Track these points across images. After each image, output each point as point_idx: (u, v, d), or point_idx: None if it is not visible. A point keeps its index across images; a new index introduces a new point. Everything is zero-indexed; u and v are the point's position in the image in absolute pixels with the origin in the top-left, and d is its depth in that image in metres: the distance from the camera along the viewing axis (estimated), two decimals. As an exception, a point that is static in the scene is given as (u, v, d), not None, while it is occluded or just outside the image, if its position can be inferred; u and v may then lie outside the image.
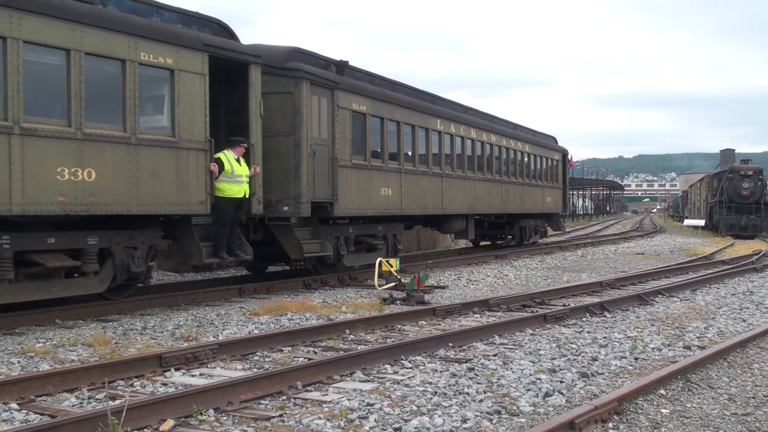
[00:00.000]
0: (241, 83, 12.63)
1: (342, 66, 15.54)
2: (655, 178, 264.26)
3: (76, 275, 10.60)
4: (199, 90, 11.50)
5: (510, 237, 26.66)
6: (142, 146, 10.62)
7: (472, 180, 21.32)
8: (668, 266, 19.46)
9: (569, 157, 33.07)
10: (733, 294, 14.01)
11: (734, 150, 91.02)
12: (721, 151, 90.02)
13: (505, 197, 23.84)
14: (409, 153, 18.10)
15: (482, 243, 27.22)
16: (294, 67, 13.71)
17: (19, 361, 7.78)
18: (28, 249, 9.71)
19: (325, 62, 15.25)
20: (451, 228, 21.37)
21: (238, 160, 12.19)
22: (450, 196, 19.81)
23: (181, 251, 12.09)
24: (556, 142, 31.00)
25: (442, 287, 14.77)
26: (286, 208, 13.52)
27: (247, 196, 12.33)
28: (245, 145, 12.41)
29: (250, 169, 12.43)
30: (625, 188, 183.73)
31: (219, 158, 11.90)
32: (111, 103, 10.42)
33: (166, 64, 10.96)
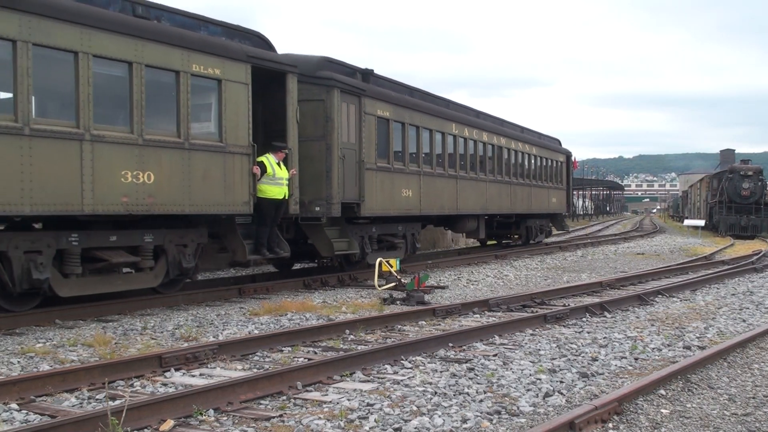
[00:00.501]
0: (276, 91, 13.43)
1: (367, 74, 16.47)
2: (655, 179, 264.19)
3: (132, 271, 11.46)
4: (243, 98, 12.35)
5: (516, 236, 27.45)
6: (195, 151, 11.47)
7: (483, 181, 22.28)
8: (668, 266, 19.46)
9: (573, 158, 33.98)
10: (733, 294, 14.01)
11: (734, 150, 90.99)
12: (720, 151, 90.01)
13: (513, 198, 24.69)
14: (427, 156, 18.99)
15: (488, 242, 27.71)
16: (326, 76, 14.59)
17: (19, 361, 7.78)
18: (93, 246, 10.55)
19: (352, 70, 16.12)
20: (464, 227, 22.24)
21: (278, 164, 12.98)
22: (464, 196, 20.77)
23: (225, 249, 13.03)
24: (560, 144, 31.72)
25: (442, 287, 14.77)
26: (318, 209, 14.40)
27: (286, 198, 13.16)
28: (286, 150, 13.23)
29: (288, 172, 13.21)
30: (625, 188, 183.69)
31: (261, 161, 12.69)
32: (167, 111, 11.25)
33: (214, 74, 11.81)
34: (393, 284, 13.41)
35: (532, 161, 27.12)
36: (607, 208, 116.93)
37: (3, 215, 9.28)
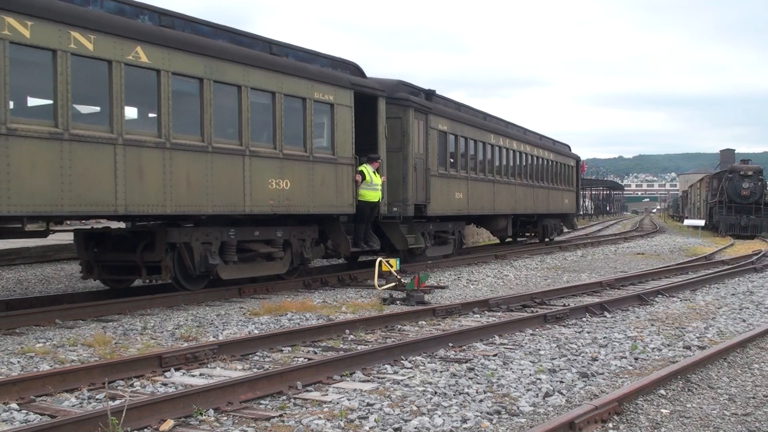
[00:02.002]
0: (366, 110, 15.97)
1: (430, 94, 19.39)
2: (655, 178, 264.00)
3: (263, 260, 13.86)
4: (348, 118, 15.12)
5: (533, 234, 30.25)
6: (316, 162, 14.23)
7: (513, 185, 25.18)
8: (668, 266, 19.47)
9: (581, 162, 37.41)
10: (733, 294, 14.01)
11: (734, 150, 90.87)
12: (721, 151, 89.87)
13: (535, 199, 27.54)
14: (472, 163, 21.89)
15: (506, 240, 29.38)
16: (402, 97, 17.48)
17: (19, 361, 7.78)
18: (244, 239, 13.16)
19: (418, 90, 18.88)
20: (497, 226, 25.15)
21: (374, 172, 15.48)
22: (499, 198, 23.71)
23: (331, 242, 15.72)
24: (570, 150, 34.61)
25: (442, 287, 14.77)
26: (395, 209, 17.02)
27: (379, 201, 15.78)
28: (380, 161, 15.79)
29: (381, 179, 15.73)
30: (625, 188, 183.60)
31: (362, 170, 15.33)
32: (297, 131, 13.89)
33: (328, 100, 14.54)
34: (393, 284, 13.41)
35: (550, 166, 29.87)
36: (607, 208, 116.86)
37: (196, 214, 12.05)
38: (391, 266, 13.61)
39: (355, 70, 16.04)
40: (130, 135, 10.77)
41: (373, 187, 15.46)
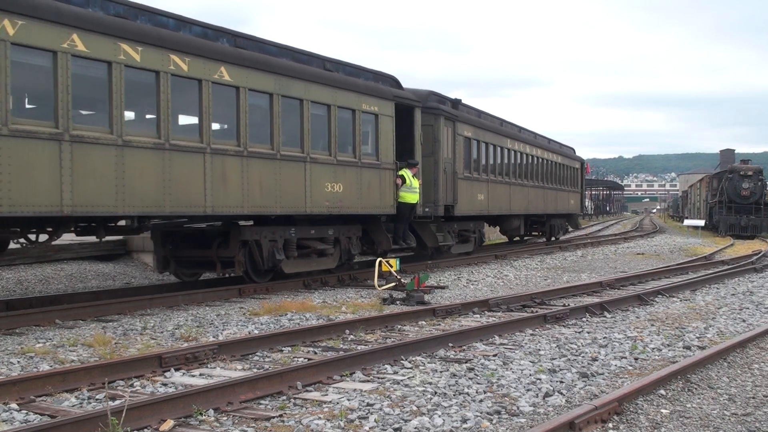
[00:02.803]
0: (402, 118, 17.31)
1: (456, 103, 20.93)
2: (655, 178, 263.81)
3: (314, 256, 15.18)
4: (390, 127, 16.68)
5: (540, 233, 31.38)
6: (363, 167, 15.72)
7: (526, 187, 26.68)
8: (668, 266, 19.46)
9: (586, 164, 39.12)
10: (733, 294, 14.01)
11: (734, 150, 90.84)
12: (721, 151, 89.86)
13: (545, 200, 29.05)
14: (492, 166, 23.40)
15: (514, 239, 30.35)
16: (434, 107, 18.94)
17: (19, 361, 7.78)
18: (302, 237, 14.56)
19: (445, 99, 20.26)
20: (511, 225, 26.76)
21: (413, 176, 16.94)
22: (514, 199, 25.26)
23: (373, 240, 17.04)
24: (575, 152, 36.33)
25: (442, 287, 14.77)
26: (427, 210, 18.43)
27: (417, 202, 17.24)
28: (417, 166, 17.32)
29: (418, 182, 17.18)
30: (625, 188, 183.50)
31: (402, 174, 16.75)
32: (348, 139, 15.38)
33: (373, 110, 16.02)
34: (393, 284, 13.41)
35: (558, 168, 31.47)
36: (607, 208, 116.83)
37: (266, 214, 13.44)
38: (391, 266, 13.61)
39: (394, 82, 17.70)
40: (215, 145, 12.19)
41: (412, 190, 16.92)
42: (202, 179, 11.87)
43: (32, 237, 11.30)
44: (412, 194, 16.95)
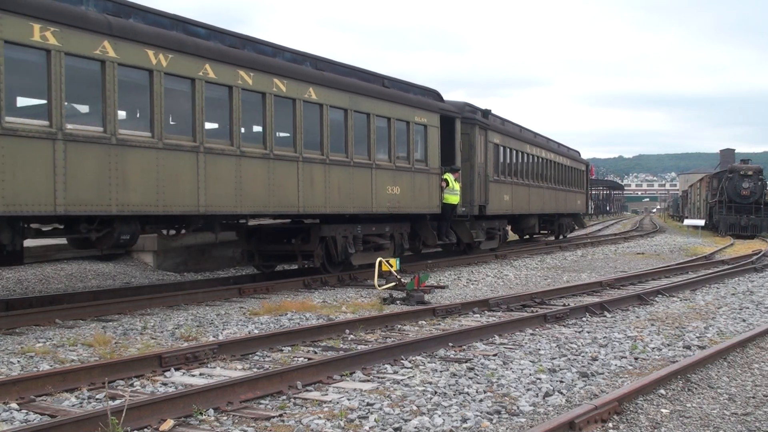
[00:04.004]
0: (443, 127, 19.26)
1: (486, 113, 22.76)
2: (655, 178, 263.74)
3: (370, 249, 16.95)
4: (436, 136, 18.91)
5: (549, 232, 33.11)
6: (415, 172, 17.90)
7: (542, 188, 28.74)
8: (668, 266, 19.46)
9: (591, 166, 41.95)
10: (733, 294, 14.01)
11: (734, 150, 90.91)
12: (721, 151, 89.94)
13: (556, 200, 31.15)
14: (515, 169, 25.39)
15: (524, 237, 31.84)
16: (470, 117, 21.08)
17: (19, 361, 7.78)
18: (366, 233, 16.56)
19: (476, 110, 22.13)
20: (528, 224, 28.94)
21: (455, 180, 18.98)
22: (532, 200, 27.31)
23: (420, 236, 19.27)
24: (580, 155, 38.57)
25: (442, 287, 14.77)
26: (464, 209, 20.37)
27: (458, 203, 19.29)
28: (459, 171, 19.45)
29: (459, 185, 19.16)
30: (625, 188, 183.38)
31: (445, 178, 18.82)
32: (403, 147, 17.54)
33: (423, 122, 18.23)
34: (393, 284, 13.40)
35: (567, 171, 33.51)
36: (607, 208, 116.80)
37: (340, 213, 15.30)
38: (391, 266, 13.61)
39: (437, 96, 19.84)
40: (306, 154, 14.23)
41: (455, 192, 19.01)
42: (296, 183, 13.96)
43: (173, 232, 13.46)
44: (454, 196, 19.01)
